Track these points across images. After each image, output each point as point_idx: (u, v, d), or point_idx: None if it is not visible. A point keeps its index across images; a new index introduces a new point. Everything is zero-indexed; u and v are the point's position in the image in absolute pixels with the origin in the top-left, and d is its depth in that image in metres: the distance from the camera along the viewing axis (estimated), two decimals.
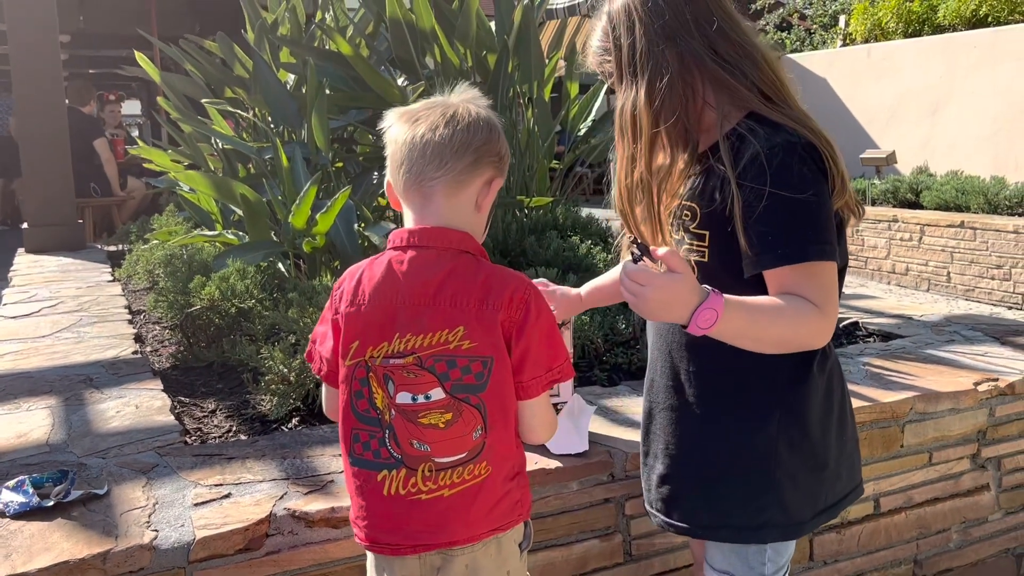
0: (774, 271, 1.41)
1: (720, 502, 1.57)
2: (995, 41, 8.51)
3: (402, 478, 1.39)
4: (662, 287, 1.29)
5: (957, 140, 8.82)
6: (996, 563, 2.53)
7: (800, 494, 1.55)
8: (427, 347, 1.37)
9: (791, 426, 1.53)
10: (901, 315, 3.35)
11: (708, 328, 1.31)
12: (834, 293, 1.43)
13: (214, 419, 2.31)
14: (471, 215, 1.44)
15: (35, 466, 1.89)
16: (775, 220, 1.39)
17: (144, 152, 4.30)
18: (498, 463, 1.41)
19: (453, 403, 1.38)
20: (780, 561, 1.60)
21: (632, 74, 1.49)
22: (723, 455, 1.57)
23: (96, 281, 4.23)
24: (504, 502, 1.43)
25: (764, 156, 1.39)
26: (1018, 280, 6.54)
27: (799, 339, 1.43)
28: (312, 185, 2.94)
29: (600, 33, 1.55)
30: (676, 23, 1.46)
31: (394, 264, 1.40)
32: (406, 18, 3.60)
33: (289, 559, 1.65)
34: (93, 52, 13.02)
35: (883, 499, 2.30)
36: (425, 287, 1.38)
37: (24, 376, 2.59)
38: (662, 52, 1.45)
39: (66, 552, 1.52)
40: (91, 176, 7.51)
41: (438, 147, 1.38)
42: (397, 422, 1.39)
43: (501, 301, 1.36)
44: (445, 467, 1.38)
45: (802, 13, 18.58)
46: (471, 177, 1.41)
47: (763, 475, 1.54)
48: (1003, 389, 2.43)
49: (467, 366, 1.37)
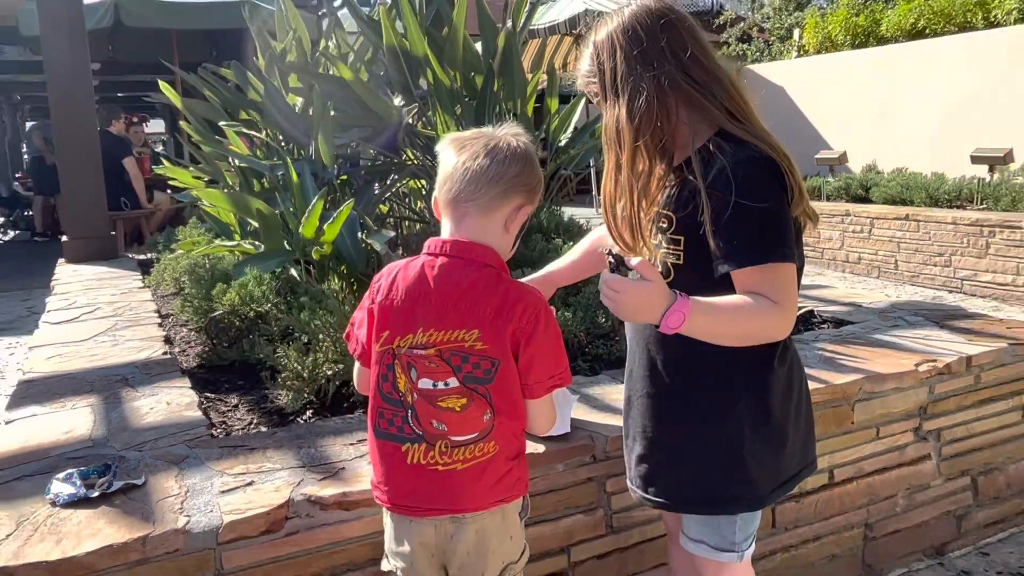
0: (739, 272, 1.44)
1: (693, 479, 1.61)
2: (933, 51, 8.54)
3: (423, 451, 1.48)
4: (635, 293, 1.34)
5: (902, 140, 8.85)
6: (938, 524, 2.56)
7: (763, 471, 1.58)
8: (446, 342, 1.44)
9: (755, 411, 1.57)
10: (852, 302, 3.37)
11: (677, 327, 1.36)
12: (792, 291, 1.46)
13: (237, 413, 2.32)
14: (499, 234, 1.51)
15: (80, 459, 1.90)
16: (740, 226, 1.43)
17: (169, 171, 4.29)
18: (503, 444, 1.49)
19: (466, 391, 1.46)
20: (748, 530, 1.64)
21: (615, 94, 1.53)
22: (695, 437, 1.60)
23: (128, 288, 4.22)
24: (507, 478, 1.50)
25: (730, 170, 1.43)
26: (957, 266, 6.58)
27: (760, 333, 1.47)
28: (319, 198, 2.94)
29: (587, 59, 1.58)
30: (653, 51, 1.50)
31: (427, 268, 1.48)
32: (401, 45, 3.60)
33: (306, 539, 1.67)
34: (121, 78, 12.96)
35: (836, 470, 2.33)
36: (451, 291, 1.45)
37: (68, 377, 2.60)
38: (640, 76, 1.49)
39: (110, 537, 1.55)
40: (121, 192, 7.51)
41: (475, 174, 1.45)
42: (419, 404, 1.47)
43: (513, 314, 1.44)
44: (459, 444, 1.47)
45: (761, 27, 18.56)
46: (501, 203, 1.48)
47: (731, 454, 1.57)
48: (941, 369, 2.46)
49: (478, 363, 1.45)
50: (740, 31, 17.49)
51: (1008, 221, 6.21)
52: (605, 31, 1.54)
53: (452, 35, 3.50)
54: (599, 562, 2.02)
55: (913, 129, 8.74)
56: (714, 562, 1.63)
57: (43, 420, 2.21)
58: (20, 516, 1.64)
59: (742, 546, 1.62)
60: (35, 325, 3.51)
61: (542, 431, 1.63)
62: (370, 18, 3.85)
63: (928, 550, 2.56)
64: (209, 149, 4.07)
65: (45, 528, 1.59)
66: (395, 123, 3.55)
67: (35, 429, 2.14)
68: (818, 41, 10.95)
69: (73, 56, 5.21)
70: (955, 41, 8.37)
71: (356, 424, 2.12)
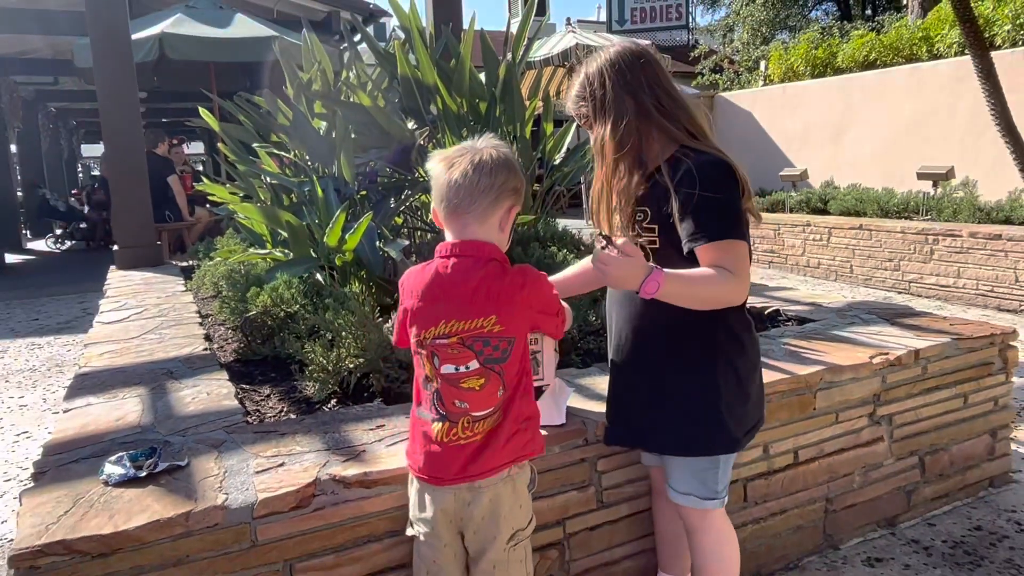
0: (705, 247, 1.57)
1: (681, 427, 1.71)
2: (882, 81, 8.55)
3: (446, 429, 1.52)
4: (619, 265, 1.49)
5: (856, 159, 8.85)
6: (890, 498, 2.56)
7: (734, 419, 1.70)
8: (468, 331, 1.49)
9: (729, 370, 1.70)
10: (813, 302, 3.36)
11: (653, 293, 1.50)
12: (746, 265, 1.60)
13: (269, 402, 2.32)
14: (497, 233, 1.57)
15: (130, 444, 1.90)
16: (704, 212, 1.57)
17: (208, 188, 4.28)
18: (507, 411, 1.53)
19: (485, 371, 1.50)
20: (725, 480, 1.76)
21: (602, 117, 1.67)
22: (683, 393, 1.70)
23: (172, 291, 4.22)
24: (516, 439, 1.54)
25: (694, 169, 1.59)
26: (905, 270, 6.58)
27: (722, 297, 1.60)
28: (342, 211, 2.94)
29: (578, 87, 1.72)
30: (634, 82, 1.65)
31: (440, 269, 1.53)
32: (414, 75, 3.60)
33: (331, 514, 1.66)
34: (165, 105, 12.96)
35: (800, 451, 2.33)
36: (465, 285, 1.50)
37: (119, 371, 2.59)
38: (623, 101, 1.64)
39: (157, 512, 1.54)
40: (166, 206, 7.50)
41: (468, 189, 1.50)
42: (443, 388, 1.51)
43: (523, 297, 1.52)
44: (479, 419, 1.51)
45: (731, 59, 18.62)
46: (494, 209, 1.54)
47: (712, 405, 1.68)
48: (893, 361, 2.45)
49: (497, 344, 1.50)
50: (713, 63, 17.55)
51: (950, 230, 6.21)
52: (596, 65, 1.69)
53: (459, 66, 3.51)
54: (591, 533, 2.02)
55: (866, 149, 8.74)
56: (700, 510, 1.74)
57: (97, 409, 2.21)
58: (77, 495, 1.63)
59: (722, 493, 1.75)
60: (90, 325, 3.50)
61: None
62: (386, 51, 3.85)
63: (881, 521, 2.55)
64: (244, 168, 4.07)
65: (99, 505, 1.58)
66: (409, 144, 3.55)
67: (90, 417, 2.13)
68: (782, 71, 10.97)
69: (122, 86, 5.21)
70: (902, 71, 8.37)
71: (375, 412, 2.11)
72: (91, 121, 18.54)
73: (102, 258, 8.15)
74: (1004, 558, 2.34)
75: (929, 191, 7.34)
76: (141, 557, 1.51)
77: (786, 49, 11.48)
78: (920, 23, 9.61)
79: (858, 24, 15.21)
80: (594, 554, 2.03)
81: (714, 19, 23.55)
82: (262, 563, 1.61)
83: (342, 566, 1.69)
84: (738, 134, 10.45)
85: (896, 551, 2.41)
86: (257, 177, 4.10)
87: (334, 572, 1.69)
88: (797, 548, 2.37)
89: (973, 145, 7.47)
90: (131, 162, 5.32)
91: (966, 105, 7.52)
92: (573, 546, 1.99)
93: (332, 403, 2.26)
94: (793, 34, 17.58)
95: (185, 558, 1.55)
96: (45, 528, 1.49)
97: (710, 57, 17.69)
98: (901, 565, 2.33)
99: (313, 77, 4.15)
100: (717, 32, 22.07)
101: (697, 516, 1.76)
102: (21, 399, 4.42)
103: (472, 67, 3.56)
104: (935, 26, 8.92)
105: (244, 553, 1.59)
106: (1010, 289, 5.76)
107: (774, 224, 7.95)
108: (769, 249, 8.07)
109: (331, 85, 4.12)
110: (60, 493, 1.64)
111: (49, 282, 8.80)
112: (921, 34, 9.05)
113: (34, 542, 1.44)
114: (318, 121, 4.01)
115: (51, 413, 4.10)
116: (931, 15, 9.42)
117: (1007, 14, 7.76)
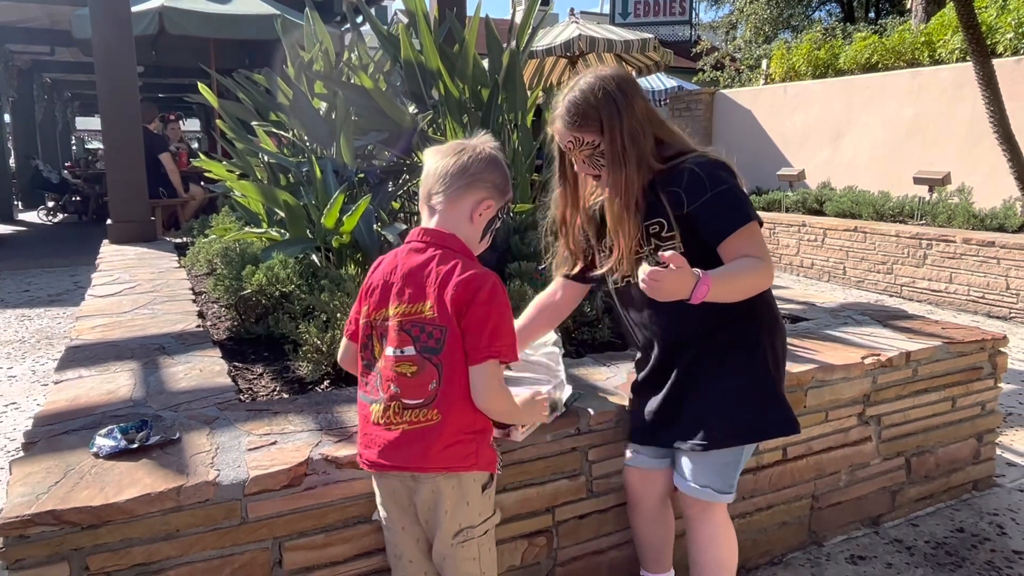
0: (731, 237, 1.64)
1: (736, 414, 1.76)
2: (883, 84, 8.55)
3: (380, 411, 1.51)
4: (671, 279, 1.50)
5: (853, 161, 8.87)
6: (875, 497, 2.58)
7: (783, 400, 1.81)
8: (407, 315, 1.48)
9: (770, 353, 1.78)
10: (807, 302, 3.38)
11: (704, 297, 1.54)
12: (766, 246, 1.67)
13: (262, 381, 2.32)
14: (466, 225, 1.55)
15: (122, 417, 1.89)
16: (721, 204, 1.65)
17: (205, 164, 4.26)
18: (448, 414, 1.47)
19: (420, 359, 1.47)
20: (737, 475, 1.80)
21: (619, 165, 1.69)
22: (734, 383, 1.76)
23: (166, 267, 4.20)
24: (455, 448, 1.48)
25: (697, 169, 1.66)
26: (898, 274, 6.61)
27: (759, 283, 1.66)
28: (340, 193, 2.93)
29: (581, 133, 1.73)
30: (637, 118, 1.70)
31: (399, 254, 1.55)
32: (416, 59, 3.58)
33: (322, 494, 1.67)
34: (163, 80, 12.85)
35: (789, 448, 2.35)
36: (412, 270, 1.50)
37: (111, 344, 2.58)
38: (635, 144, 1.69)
39: (148, 486, 1.54)
40: (159, 182, 7.46)
41: (445, 170, 1.53)
42: (383, 369, 1.50)
43: (457, 284, 1.46)
44: (408, 407, 1.48)
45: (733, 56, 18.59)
46: (465, 194, 1.53)
47: (765, 389, 1.77)
48: (883, 362, 2.47)
49: (431, 332, 1.47)
50: (715, 59, 17.52)
51: (944, 236, 6.24)
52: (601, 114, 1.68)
53: (463, 52, 3.49)
54: (580, 521, 2.03)
55: (864, 152, 8.76)
56: (704, 502, 1.77)
57: (88, 382, 2.20)
58: (67, 466, 1.63)
59: (735, 487, 1.79)
60: (81, 298, 3.49)
61: (483, 402, 1.48)
62: (389, 34, 3.83)
63: (866, 520, 2.57)
64: (241, 146, 4.05)
65: (90, 477, 1.58)
66: (409, 129, 3.54)
67: (81, 390, 2.13)
68: (783, 71, 10.96)
69: (121, 58, 5.16)
70: (903, 75, 8.38)
71: None
72: (86, 93, 18.39)
73: (95, 232, 8.11)
74: (984, 560, 2.37)
75: (925, 196, 7.37)
76: (131, 530, 1.51)
77: (788, 49, 11.47)
78: (923, 28, 9.62)
79: (861, 26, 15.22)
80: (582, 543, 2.04)
81: (717, 16, 23.53)
82: (252, 540, 1.62)
83: (331, 546, 1.70)
84: (737, 132, 10.45)
85: (879, 550, 2.43)
86: (255, 155, 4.08)
87: (323, 551, 1.69)
88: (782, 544, 2.39)
89: (971, 152, 7.50)
90: (127, 135, 5.27)
91: (965, 111, 7.53)
92: (562, 534, 2.00)
93: (325, 384, 2.26)
94: (796, 34, 17.57)
95: (175, 532, 1.55)
96: (35, 498, 1.49)
97: (712, 54, 17.67)
98: (884, 564, 2.35)
99: (315, 57, 4.12)
100: (720, 29, 22.05)
101: (702, 508, 1.79)
102: (10, 370, 4.40)
103: (476, 54, 3.54)
104: (938, 31, 8.93)
105: (234, 530, 1.59)
106: (1001, 296, 5.80)
107: (770, 223, 7.96)
108: None
109: (333, 66, 4.09)
110: (51, 463, 1.64)
111: (40, 254, 8.74)
112: (924, 39, 9.05)
113: (24, 511, 1.44)
114: (318, 102, 3.98)
115: (40, 385, 4.09)
116: (934, 20, 9.41)
117: (1010, 22, 7.77)
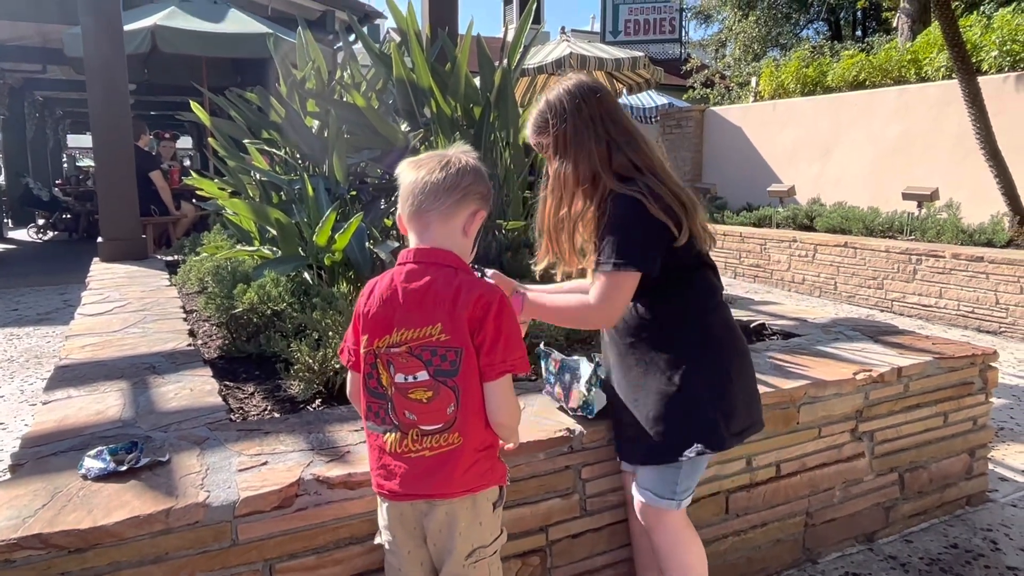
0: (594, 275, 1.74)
1: (648, 435, 1.77)
2: (870, 101, 8.65)
3: (397, 440, 1.48)
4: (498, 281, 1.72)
5: (842, 177, 8.94)
6: (869, 514, 2.58)
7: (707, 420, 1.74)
8: (416, 339, 1.44)
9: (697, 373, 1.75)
10: (798, 318, 3.39)
11: (518, 310, 1.73)
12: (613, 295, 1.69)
13: (253, 400, 2.30)
14: (459, 238, 1.52)
15: (111, 438, 1.87)
16: (603, 242, 1.71)
17: (197, 182, 4.26)
18: (468, 435, 1.46)
19: (434, 384, 1.44)
20: (687, 483, 1.78)
21: (563, 150, 1.76)
22: (652, 402, 1.77)
23: (157, 286, 4.17)
24: (474, 469, 1.48)
25: (613, 202, 1.69)
26: (888, 289, 6.65)
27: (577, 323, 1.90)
28: (332, 211, 2.93)
29: (537, 118, 1.79)
30: (591, 116, 1.74)
31: (396, 276, 1.49)
32: (408, 78, 3.60)
33: (314, 515, 1.65)
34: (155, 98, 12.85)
35: (783, 465, 2.34)
36: (414, 293, 1.46)
37: (100, 364, 2.56)
38: (583, 136, 1.74)
39: (137, 508, 1.52)
40: (150, 199, 7.43)
41: (433, 186, 1.47)
42: (395, 397, 1.47)
43: (468, 302, 1.43)
44: (427, 433, 1.46)
45: (723, 74, 18.76)
46: (459, 209, 1.50)
47: (677, 408, 1.74)
48: (875, 378, 2.47)
49: (444, 355, 1.44)
50: (705, 77, 17.67)
51: (933, 251, 6.29)
52: (554, 97, 1.75)
53: (455, 70, 3.51)
54: (573, 540, 2.01)
55: (853, 168, 8.84)
56: (653, 508, 1.78)
57: (77, 402, 2.18)
58: (55, 488, 1.61)
59: (681, 495, 1.77)
60: (70, 316, 3.46)
61: (500, 418, 1.48)
62: (382, 52, 3.85)
63: (860, 537, 2.57)
64: (233, 164, 4.05)
65: (78, 499, 1.56)
66: (401, 146, 3.55)
67: (70, 410, 2.11)
68: (772, 88, 11.07)
69: (113, 76, 5.16)
70: (890, 92, 8.48)
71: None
72: (78, 111, 18.36)
73: (85, 250, 8.06)
74: None
75: (914, 211, 7.43)
76: (119, 553, 1.49)
77: (777, 66, 11.59)
78: (909, 46, 9.74)
79: (848, 44, 15.39)
80: (576, 562, 2.03)
81: (707, 34, 23.82)
82: (242, 562, 1.60)
83: (323, 567, 1.68)
84: (728, 148, 10.53)
85: (873, 566, 2.42)
86: (247, 173, 4.08)
87: (315, 573, 1.67)
88: (776, 561, 2.38)
89: (958, 168, 7.58)
90: (119, 153, 5.26)
91: (952, 128, 7.62)
92: (555, 553, 1.99)
93: (317, 403, 2.24)
94: (784, 52, 17.76)
95: (164, 555, 1.53)
96: (21, 521, 1.47)
97: (702, 71, 17.82)
98: None
99: (307, 75, 4.14)
100: (709, 47, 22.27)
101: (652, 514, 1.81)
102: None
103: (468, 72, 3.57)
104: (924, 49, 9.04)
105: (224, 552, 1.58)
106: (991, 311, 5.83)
107: (760, 239, 8.00)
108: (755, 264, 8.12)
109: (325, 84, 4.11)
110: (38, 486, 1.62)
111: (30, 272, 8.69)
112: (910, 57, 9.16)
113: (10, 535, 1.42)
114: (311, 120, 4.00)
115: (28, 405, 4.05)
116: (920, 38, 9.54)
117: (994, 40, 7.87)
